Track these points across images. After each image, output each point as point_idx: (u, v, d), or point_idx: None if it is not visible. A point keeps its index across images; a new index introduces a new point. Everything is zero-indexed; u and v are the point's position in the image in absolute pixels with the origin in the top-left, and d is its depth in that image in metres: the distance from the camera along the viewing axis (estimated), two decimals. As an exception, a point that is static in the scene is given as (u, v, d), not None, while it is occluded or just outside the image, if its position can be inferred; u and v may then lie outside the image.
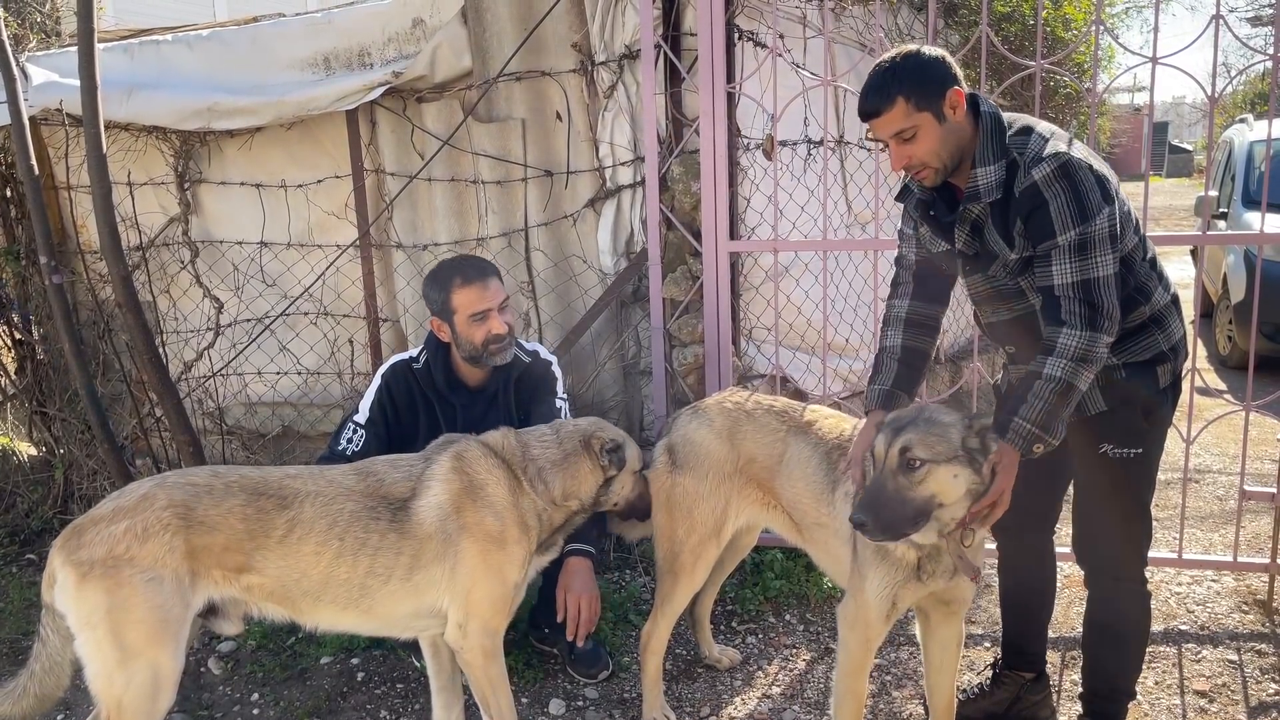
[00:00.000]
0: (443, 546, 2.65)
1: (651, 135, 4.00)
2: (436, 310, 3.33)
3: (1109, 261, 2.35)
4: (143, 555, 2.40)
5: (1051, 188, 2.34)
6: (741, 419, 3.04)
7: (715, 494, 3.02)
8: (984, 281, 2.61)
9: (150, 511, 2.44)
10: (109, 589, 2.37)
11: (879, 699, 3.29)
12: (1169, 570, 4.02)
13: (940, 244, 2.67)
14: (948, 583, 2.55)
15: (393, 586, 2.63)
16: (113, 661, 2.40)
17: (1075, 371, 2.33)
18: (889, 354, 2.82)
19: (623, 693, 3.41)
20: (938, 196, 2.61)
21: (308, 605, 2.62)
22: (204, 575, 2.49)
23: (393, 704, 3.39)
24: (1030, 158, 2.39)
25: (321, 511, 2.57)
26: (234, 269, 4.83)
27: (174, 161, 4.77)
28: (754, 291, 4.27)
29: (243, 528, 2.51)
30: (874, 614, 2.58)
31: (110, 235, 3.91)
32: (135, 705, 2.41)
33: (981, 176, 2.43)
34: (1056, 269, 2.36)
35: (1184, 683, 3.30)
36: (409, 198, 4.48)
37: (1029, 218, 2.39)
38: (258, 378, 4.84)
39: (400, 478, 2.70)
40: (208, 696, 3.46)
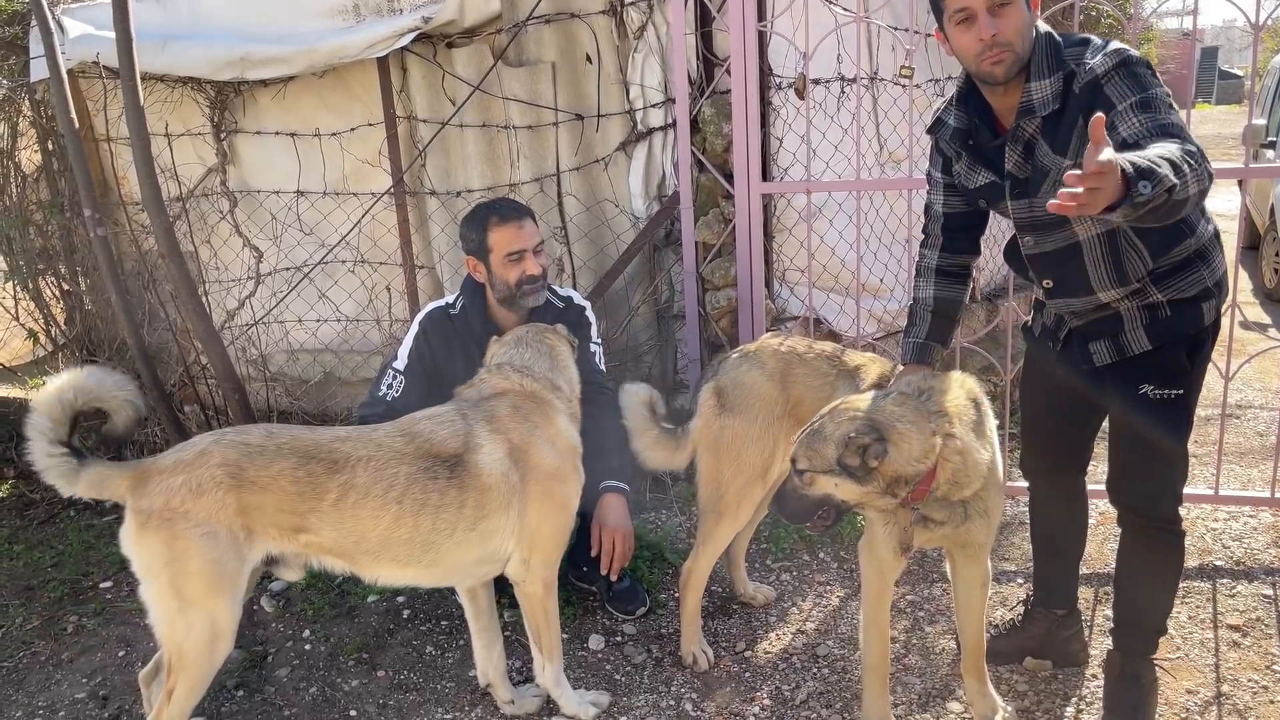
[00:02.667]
0: (507, 495, 2.72)
1: (682, 76, 3.98)
2: (473, 249, 3.37)
3: (1178, 117, 2.24)
4: (197, 509, 2.47)
5: (1110, 75, 2.29)
6: (794, 362, 3.08)
7: (765, 436, 3.07)
8: (1029, 208, 2.55)
9: (205, 468, 2.50)
10: (166, 540, 2.46)
11: (912, 634, 3.35)
12: (1205, 506, 4.02)
13: (980, 175, 2.62)
14: (955, 529, 2.58)
15: (457, 538, 2.69)
16: (173, 609, 2.50)
17: (1181, 161, 1.99)
18: (922, 305, 2.84)
19: (660, 629, 3.50)
20: (980, 123, 2.57)
21: (368, 562, 2.69)
22: (260, 532, 2.56)
23: (438, 640, 3.51)
24: (1090, 57, 2.35)
25: (376, 477, 2.60)
26: (272, 218, 4.89)
27: (210, 112, 4.80)
28: (787, 233, 4.26)
29: (294, 490, 2.55)
30: (883, 549, 2.65)
31: (151, 187, 3.97)
32: (195, 652, 2.52)
33: (1036, 90, 2.39)
34: (1125, 126, 2.23)
35: (1217, 617, 3.32)
36: (441, 144, 4.50)
37: (1089, 109, 2.26)
38: (298, 325, 4.93)
39: (447, 434, 2.72)
40: (261, 633, 3.60)
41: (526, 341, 2.98)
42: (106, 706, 3.25)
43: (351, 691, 3.25)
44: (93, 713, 3.23)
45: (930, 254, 2.85)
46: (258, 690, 3.29)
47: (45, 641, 3.65)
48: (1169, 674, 3.00)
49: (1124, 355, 2.55)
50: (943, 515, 2.53)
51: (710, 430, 3.13)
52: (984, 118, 2.57)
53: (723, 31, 3.96)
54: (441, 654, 3.43)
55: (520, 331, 3.05)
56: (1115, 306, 2.55)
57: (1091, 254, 2.49)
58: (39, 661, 3.53)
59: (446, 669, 3.34)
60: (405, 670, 3.34)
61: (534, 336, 3.00)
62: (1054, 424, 2.89)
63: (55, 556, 4.31)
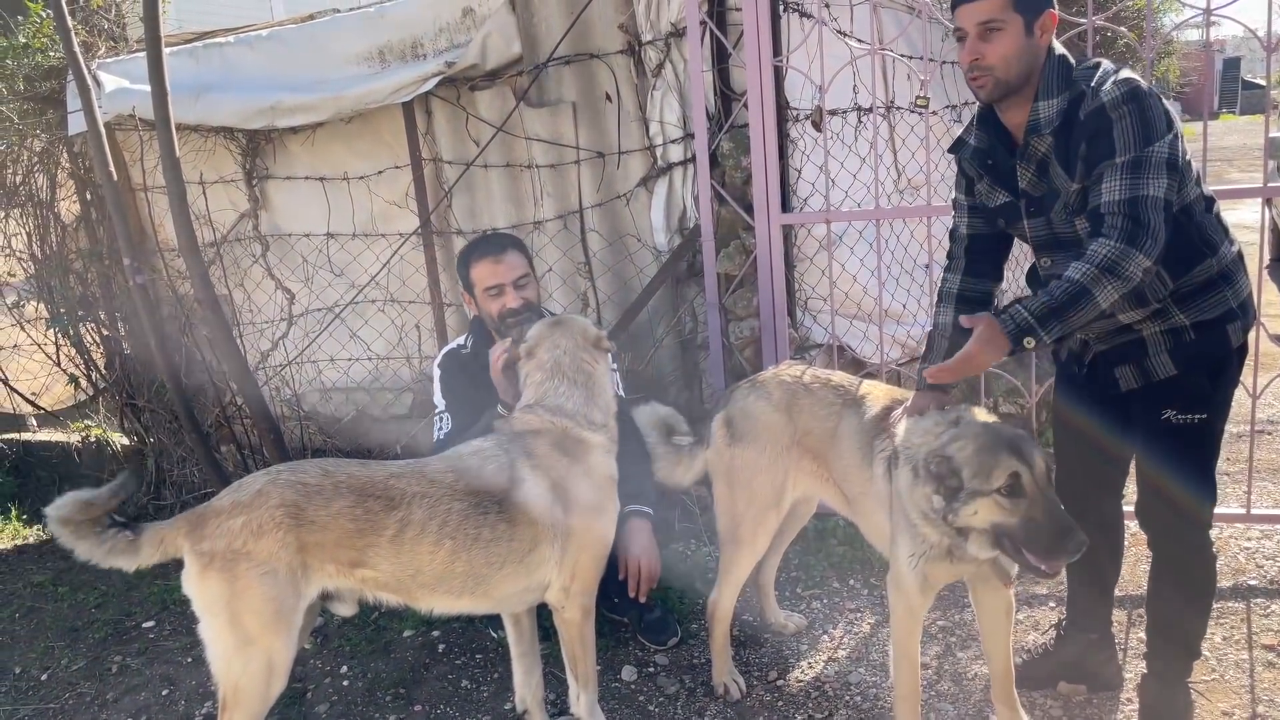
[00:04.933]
0: (552, 527, 2.77)
1: (700, 112, 4.05)
2: (465, 286, 3.51)
3: (1162, 185, 2.30)
4: (258, 550, 2.53)
5: (1118, 109, 2.33)
6: (799, 392, 3.10)
7: (774, 465, 3.10)
8: (1045, 226, 2.59)
9: (264, 509, 2.56)
10: (228, 580, 2.52)
11: (944, 659, 3.36)
12: (1238, 526, 3.99)
13: (1000, 195, 2.66)
14: (978, 567, 2.60)
15: (507, 570, 2.75)
16: (231, 647, 2.56)
17: (1097, 279, 2.25)
18: (940, 332, 2.87)
19: (692, 659, 3.52)
20: (997, 142, 2.61)
21: (424, 595, 2.75)
22: (317, 569, 2.62)
23: (473, 673, 3.55)
24: (1099, 82, 2.39)
25: (430, 513, 2.66)
26: (303, 260, 5.01)
27: (242, 159, 4.94)
28: (808, 262, 4.31)
29: (353, 527, 2.61)
30: (909, 584, 2.65)
31: (187, 235, 4.09)
32: (250, 689, 2.58)
33: (1043, 109, 2.45)
34: (1106, 186, 2.32)
35: (1252, 638, 3.30)
36: (466, 185, 4.59)
37: (1093, 139, 2.36)
38: (330, 364, 5.03)
39: (493, 470, 2.77)
40: (300, 669, 3.65)
41: (561, 369, 2.95)
42: (151, 745, 3.32)
43: (389, 727, 3.30)
44: (138, 751, 3.30)
45: (953, 278, 2.88)
46: (298, 727, 3.34)
47: (90, 682, 3.73)
48: (1204, 697, 2.98)
49: (1149, 380, 2.56)
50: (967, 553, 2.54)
51: (722, 460, 3.18)
52: (1000, 137, 2.62)
53: (739, 67, 4.03)
54: (477, 687, 3.47)
55: (555, 353, 2.98)
56: (1138, 329, 2.56)
57: None
58: (84, 702, 3.61)
59: (482, 702, 3.38)
60: (441, 704, 3.39)
61: (570, 362, 2.96)
62: (1086, 447, 2.88)
63: (99, 597, 4.40)
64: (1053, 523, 2.34)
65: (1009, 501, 2.35)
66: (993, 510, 2.36)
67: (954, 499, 2.39)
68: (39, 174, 5.29)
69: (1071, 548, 2.32)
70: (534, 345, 3.03)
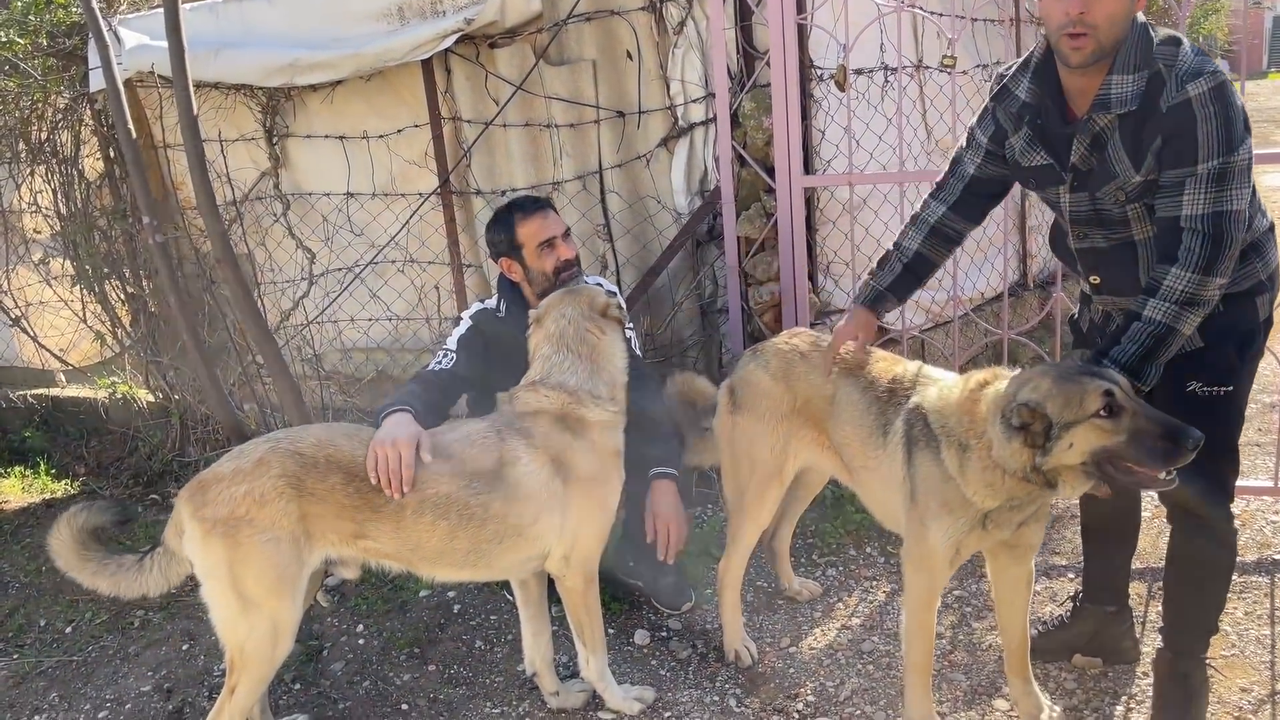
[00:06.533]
0: (550, 501, 2.78)
1: (721, 71, 3.97)
2: (504, 250, 3.40)
3: (1245, 195, 2.23)
4: (261, 517, 2.56)
5: (1206, 108, 2.20)
6: (795, 360, 3.06)
7: (773, 434, 3.07)
8: (1088, 202, 2.48)
9: (266, 478, 2.58)
10: (230, 546, 2.55)
11: (958, 629, 3.33)
12: (1266, 499, 3.91)
13: (1037, 156, 2.53)
14: (1012, 533, 2.56)
15: (507, 544, 2.77)
16: (235, 610, 2.60)
17: (1179, 316, 2.24)
18: (900, 254, 2.85)
19: (705, 624, 3.52)
20: (1050, 103, 2.47)
21: (425, 567, 2.80)
22: (320, 537, 2.65)
23: (487, 635, 3.58)
24: (1183, 71, 2.24)
25: (418, 498, 2.67)
26: (323, 220, 5.00)
27: (261, 117, 4.92)
28: (831, 225, 4.23)
29: (349, 502, 2.64)
30: (937, 560, 2.61)
31: (205, 194, 4.08)
32: (256, 651, 2.62)
33: (1117, 85, 2.29)
34: (1188, 198, 2.23)
35: (1274, 613, 3.24)
36: (486, 144, 4.55)
37: (1172, 137, 2.24)
38: (350, 325, 5.03)
39: (478, 452, 2.77)
40: (317, 628, 3.70)
41: (566, 342, 2.93)
42: (170, 699, 3.37)
43: (403, 685, 3.33)
44: (157, 705, 3.35)
45: (936, 208, 2.82)
46: (314, 684, 3.38)
47: (113, 636, 3.79)
48: (1220, 673, 2.94)
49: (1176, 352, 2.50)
50: (1011, 518, 2.51)
51: (725, 429, 3.17)
52: (1054, 97, 2.47)
53: (762, 25, 3.94)
54: (490, 649, 3.49)
55: (561, 323, 2.96)
56: None
57: (1145, 253, 2.44)
58: (107, 655, 3.68)
59: (495, 663, 3.40)
60: (455, 665, 3.42)
61: (574, 333, 2.94)
62: None
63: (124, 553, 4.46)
64: (1161, 426, 2.21)
65: (1110, 422, 2.22)
66: (1092, 436, 2.24)
67: (1046, 441, 2.28)
68: (63, 131, 5.31)
69: (1190, 445, 2.19)
70: (542, 314, 3.01)
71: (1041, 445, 2.28)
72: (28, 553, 4.55)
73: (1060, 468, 2.31)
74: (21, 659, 3.68)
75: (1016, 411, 2.29)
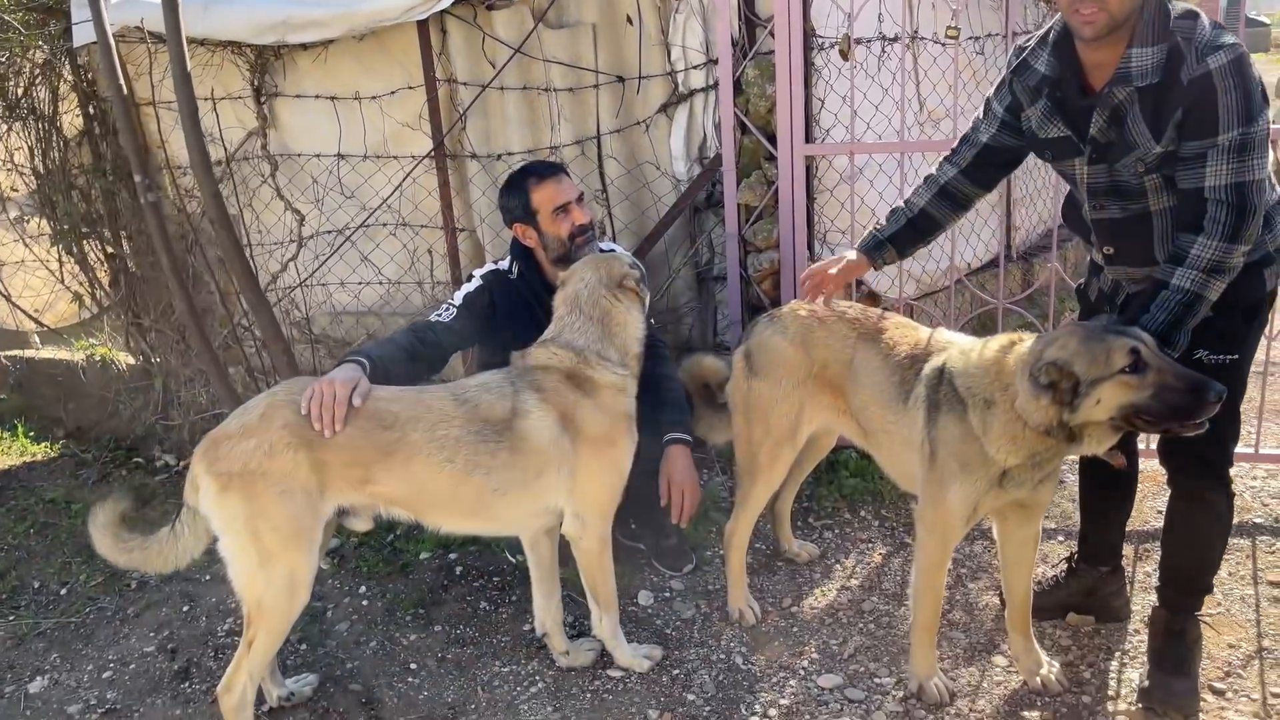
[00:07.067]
0: (558, 457, 2.81)
1: (724, 37, 3.97)
2: (518, 216, 3.40)
3: (1266, 165, 2.30)
4: (273, 469, 2.58)
5: (1226, 80, 2.24)
6: (814, 325, 3.11)
7: (789, 398, 3.12)
8: (1106, 174, 2.53)
9: (272, 430, 2.62)
10: (247, 498, 2.58)
11: (955, 590, 3.42)
12: (1244, 465, 4.05)
13: (1055, 128, 2.57)
14: (1029, 491, 2.63)
15: (513, 496, 2.81)
16: (253, 563, 2.62)
17: (1205, 283, 2.31)
18: (907, 209, 2.93)
19: (706, 585, 3.58)
20: (1070, 75, 2.51)
21: (433, 514, 2.83)
22: (331, 486, 2.67)
23: (490, 595, 3.61)
24: (1202, 44, 2.28)
25: (428, 436, 2.71)
26: (313, 181, 4.93)
27: (250, 76, 4.83)
28: (828, 194, 4.27)
29: (350, 444, 2.66)
30: (954, 519, 2.68)
31: (199, 153, 4.00)
32: (274, 603, 2.64)
33: (1137, 58, 2.33)
34: (1211, 169, 2.29)
35: (1257, 574, 3.38)
36: (481, 107, 4.51)
37: (1192, 109, 2.29)
38: (341, 288, 4.99)
39: (494, 399, 2.81)
40: (319, 589, 3.69)
41: (580, 305, 2.97)
42: (175, 659, 3.37)
43: (410, 645, 3.35)
44: (162, 665, 3.35)
45: (949, 171, 2.89)
46: (320, 644, 3.40)
47: (110, 597, 3.77)
48: (1212, 628, 3.06)
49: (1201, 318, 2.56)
50: (1030, 476, 2.58)
51: (740, 392, 3.22)
52: (1073, 70, 2.51)
53: (765, -8, 3.95)
54: (495, 609, 3.53)
55: (579, 286, 3.00)
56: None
57: (1161, 224, 2.50)
58: (105, 617, 3.66)
59: (501, 624, 3.44)
60: (461, 625, 3.45)
61: (589, 297, 2.97)
62: None
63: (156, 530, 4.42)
64: (1185, 381, 2.28)
65: (1135, 378, 2.29)
66: (1119, 393, 2.31)
67: (1073, 398, 2.34)
68: (41, 86, 5.16)
69: (1213, 397, 2.26)
70: (568, 277, 3.04)
71: (1069, 402, 2.35)
72: (14, 515, 4.49)
73: (1087, 423, 2.38)
74: (19, 620, 3.65)
75: (1045, 370, 2.36)
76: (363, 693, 3.12)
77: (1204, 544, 2.78)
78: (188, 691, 3.20)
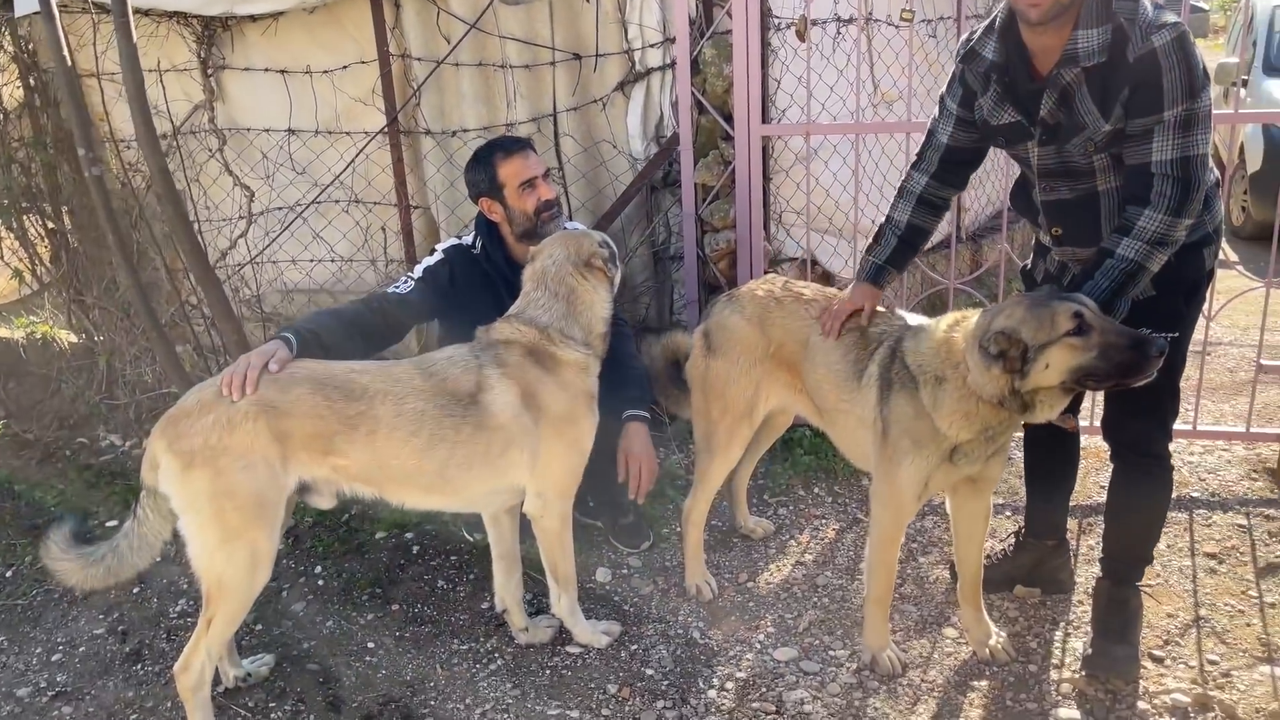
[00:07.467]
0: (521, 434, 2.81)
1: (682, 16, 3.97)
2: (485, 190, 3.39)
3: (1208, 139, 2.38)
4: (234, 444, 2.54)
5: (1169, 57, 2.31)
6: (771, 306, 3.14)
7: (746, 377, 3.16)
8: (1056, 155, 2.59)
9: (230, 403, 2.58)
10: (210, 476, 2.53)
11: (906, 564, 3.50)
12: (1181, 441, 4.18)
13: (1006, 114, 2.62)
14: (981, 466, 2.70)
15: (476, 472, 2.80)
16: (214, 541, 2.58)
17: (1149, 254, 2.39)
18: (893, 228, 2.95)
19: (664, 561, 3.62)
20: (1018, 60, 2.56)
21: (395, 489, 2.80)
22: (293, 458, 2.64)
23: (448, 574, 3.61)
24: (1145, 23, 2.34)
25: (394, 409, 2.69)
26: (263, 157, 4.85)
27: (197, 48, 4.73)
28: (784, 175, 4.30)
29: (313, 412, 2.63)
30: (907, 496, 2.74)
31: (145, 126, 3.91)
32: (235, 581, 2.61)
33: (1083, 39, 2.38)
34: (1157, 145, 2.36)
35: (1194, 546, 3.50)
36: (436, 83, 4.47)
37: (1139, 86, 2.35)
38: (293, 265, 4.93)
39: (459, 373, 2.81)
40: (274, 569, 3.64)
41: (546, 281, 2.96)
42: (127, 641, 3.33)
43: (368, 624, 3.34)
44: (112, 647, 3.30)
45: (920, 179, 2.92)
46: (275, 624, 3.37)
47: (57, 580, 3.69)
48: (1152, 598, 3.17)
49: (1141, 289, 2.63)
50: (981, 451, 2.64)
51: (699, 371, 3.25)
52: (1020, 56, 2.56)
53: (722, -29, 3.95)
54: (453, 588, 3.53)
55: (546, 263, 2.99)
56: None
57: (1108, 204, 2.57)
58: (53, 599, 3.59)
59: (459, 602, 3.44)
60: (419, 604, 3.44)
61: (555, 274, 2.96)
62: None
63: (58, 496, 4.34)
64: (1128, 339, 2.35)
65: (1081, 340, 2.35)
66: (1067, 355, 2.37)
67: (1023, 364, 2.40)
68: (-23, 56, 5.01)
69: (1155, 352, 2.33)
70: (536, 253, 3.03)
71: (1019, 369, 2.41)
72: (-46, 497, 4.38)
73: (1038, 389, 2.45)
74: (-38, 604, 3.57)
75: (994, 339, 2.42)
76: (320, 672, 3.11)
77: (1145, 517, 2.87)
78: (140, 673, 3.16)
